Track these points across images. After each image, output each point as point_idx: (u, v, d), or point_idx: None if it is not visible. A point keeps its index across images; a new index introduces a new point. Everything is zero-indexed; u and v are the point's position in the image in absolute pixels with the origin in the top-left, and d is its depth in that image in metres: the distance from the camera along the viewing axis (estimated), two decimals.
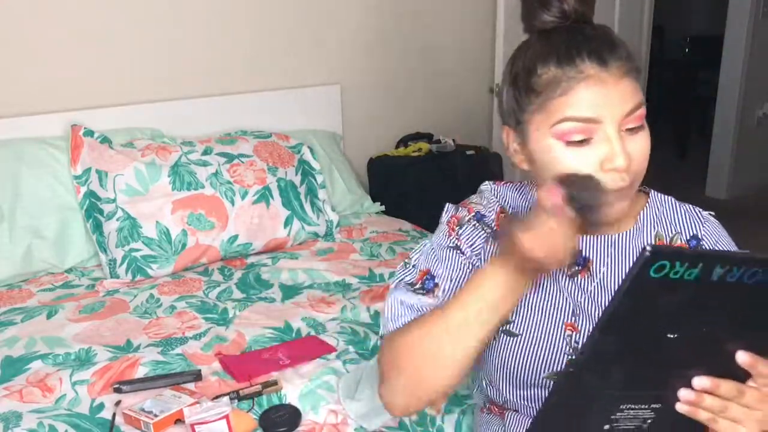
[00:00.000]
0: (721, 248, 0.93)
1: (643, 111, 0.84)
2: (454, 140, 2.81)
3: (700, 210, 0.97)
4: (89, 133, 2.04)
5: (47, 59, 2.10)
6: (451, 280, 0.95)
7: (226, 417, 1.15)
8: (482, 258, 0.97)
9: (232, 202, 2.05)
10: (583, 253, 0.94)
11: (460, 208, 1.01)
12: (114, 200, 1.95)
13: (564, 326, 0.92)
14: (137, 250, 1.91)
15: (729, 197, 4.29)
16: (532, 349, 0.93)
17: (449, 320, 0.83)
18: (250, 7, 2.43)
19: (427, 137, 2.84)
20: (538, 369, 0.92)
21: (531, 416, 0.96)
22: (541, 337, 0.93)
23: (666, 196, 0.98)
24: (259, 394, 1.30)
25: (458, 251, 0.97)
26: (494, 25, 2.85)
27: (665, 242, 0.95)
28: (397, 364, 0.88)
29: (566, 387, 0.73)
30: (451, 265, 0.96)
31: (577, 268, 0.94)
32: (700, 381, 0.69)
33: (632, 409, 0.72)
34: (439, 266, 0.96)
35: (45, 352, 1.50)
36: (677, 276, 0.61)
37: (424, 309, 0.92)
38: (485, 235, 0.97)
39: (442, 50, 2.96)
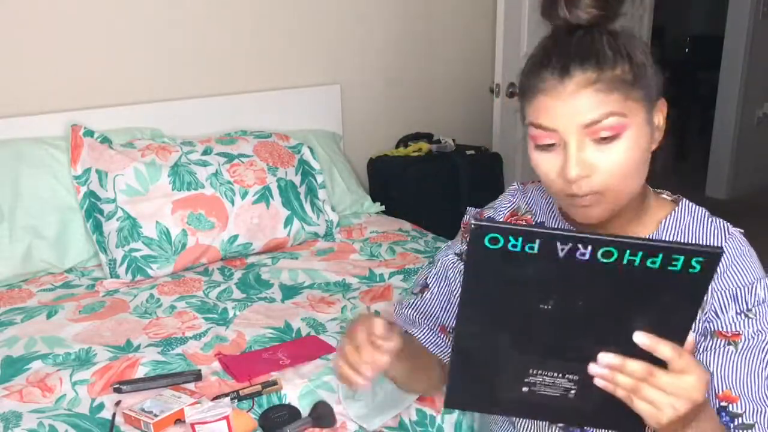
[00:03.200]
0: (736, 267, 0.88)
1: (614, 122, 0.80)
2: (454, 140, 2.81)
3: (730, 225, 0.93)
4: (89, 133, 2.04)
5: (47, 59, 2.10)
6: (437, 277, 1.09)
7: (226, 417, 1.15)
8: None
9: (232, 202, 2.05)
10: None
11: (475, 214, 1.10)
12: (114, 200, 1.95)
13: None
14: (137, 250, 1.91)
15: (729, 197, 4.29)
16: None
17: None
18: (250, 7, 2.43)
19: (427, 137, 2.84)
20: None
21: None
22: None
23: (699, 208, 0.95)
24: (259, 394, 1.30)
25: (460, 257, 1.07)
26: (494, 25, 2.85)
27: None
28: None
29: (456, 350, 0.75)
30: (444, 265, 1.09)
31: None
32: (604, 357, 0.69)
33: (545, 375, 0.73)
34: (434, 269, 1.10)
35: (45, 352, 1.50)
36: (517, 249, 0.64)
37: (414, 318, 1.09)
38: None
39: (442, 50, 2.96)
